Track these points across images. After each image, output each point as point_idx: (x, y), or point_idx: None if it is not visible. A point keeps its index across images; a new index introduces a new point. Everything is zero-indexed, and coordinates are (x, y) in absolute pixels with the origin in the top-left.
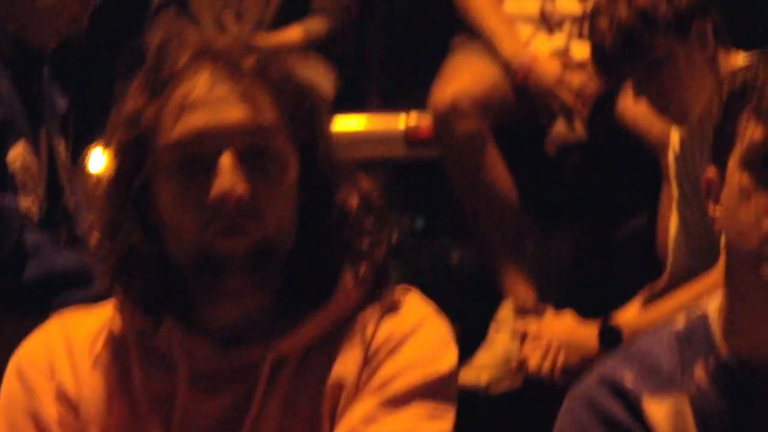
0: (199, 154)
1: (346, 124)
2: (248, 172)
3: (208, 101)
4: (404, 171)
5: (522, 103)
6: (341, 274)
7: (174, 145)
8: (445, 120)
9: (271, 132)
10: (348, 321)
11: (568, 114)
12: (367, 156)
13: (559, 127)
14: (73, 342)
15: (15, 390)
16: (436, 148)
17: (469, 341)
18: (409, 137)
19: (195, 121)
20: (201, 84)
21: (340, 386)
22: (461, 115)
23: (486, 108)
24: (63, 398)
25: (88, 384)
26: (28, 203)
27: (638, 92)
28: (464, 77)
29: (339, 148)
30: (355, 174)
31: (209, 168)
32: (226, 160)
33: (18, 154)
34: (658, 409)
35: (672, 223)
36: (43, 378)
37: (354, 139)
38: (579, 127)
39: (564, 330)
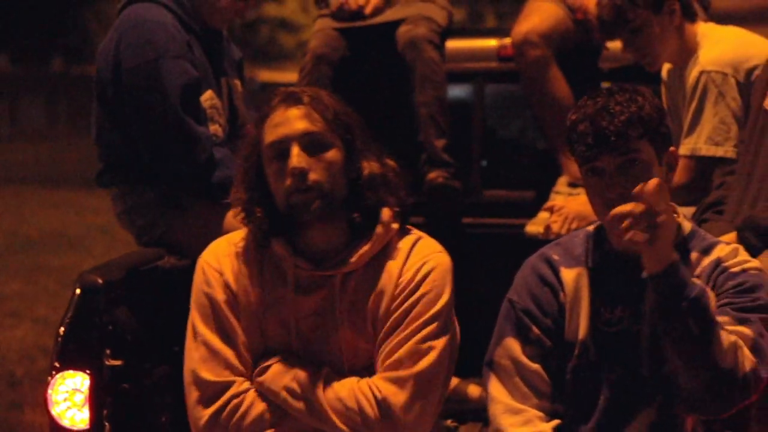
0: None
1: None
2: (309, 155)
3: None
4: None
5: (580, 33)
6: (381, 215)
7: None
8: (520, 49)
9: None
10: (388, 247)
11: None
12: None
13: None
14: (234, 253)
15: (200, 279)
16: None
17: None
18: (500, 54)
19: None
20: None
21: (382, 292)
22: (531, 45)
23: (550, 39)
24: (226, 288)
25: (241, 282)
26: (215, 128)
27: (625, 47)
28: (534, 18)
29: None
30: (381, 150)
31: (287, 155)
32: (295, 150)
33: (208, 97)
34: (568, 273)
35: None
36: (216, 273)
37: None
38: None
39: (577, 205)
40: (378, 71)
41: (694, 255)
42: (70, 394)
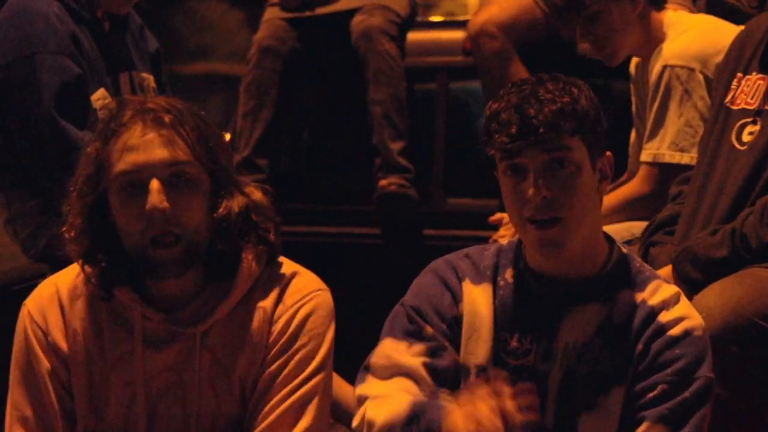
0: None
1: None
2: (170, 192)
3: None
4: None
5: (549, 23)
6: (242, 257)
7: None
8: (476, 41)
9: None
10: (254, 290)
11: None
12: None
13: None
14: (64, 301)
15: (21, 336)
16: None
17: None
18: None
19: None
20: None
21: (253, 344)
22: (488, 37)
23: (511, 30)
24: (53, 353)
25: (73, 339)
26: None
27: (581, 37)
28: (493, 7)
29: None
30: (247, 185)
31: (143, 190)
32: (154, 185)
33: (99, 96)
34: (471, 287)
35: (632, 133)
36: (40, 333)
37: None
38: None
39: None
40: (330, 66)
41: (625, 292)
42: None
